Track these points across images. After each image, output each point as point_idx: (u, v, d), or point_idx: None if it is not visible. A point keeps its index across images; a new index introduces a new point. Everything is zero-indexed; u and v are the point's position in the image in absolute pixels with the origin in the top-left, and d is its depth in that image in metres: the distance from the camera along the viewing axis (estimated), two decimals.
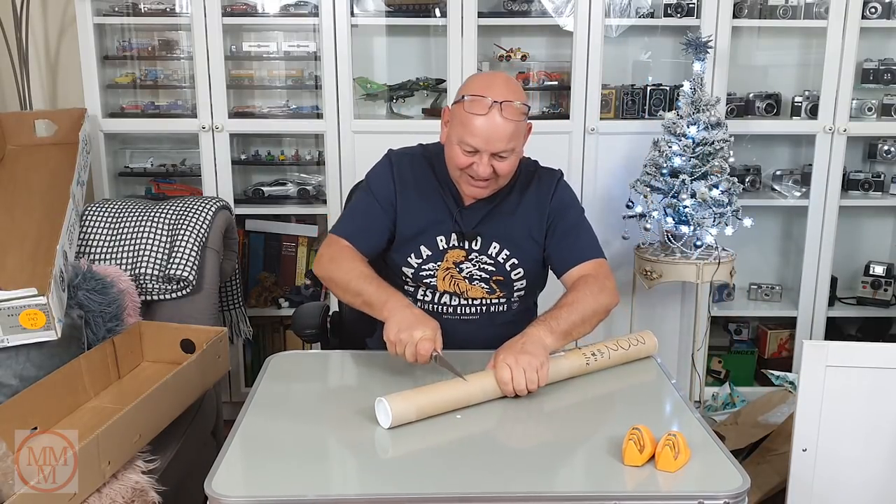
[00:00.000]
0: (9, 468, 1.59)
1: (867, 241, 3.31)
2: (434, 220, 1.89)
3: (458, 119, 1.78)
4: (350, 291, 1.78)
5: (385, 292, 1.73)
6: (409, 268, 1.90)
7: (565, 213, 1.91)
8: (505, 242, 1.88)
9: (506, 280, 1.90)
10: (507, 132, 1.74)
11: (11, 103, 3.08)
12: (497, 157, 1.77)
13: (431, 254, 1.89)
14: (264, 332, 3.23)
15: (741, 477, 1.29)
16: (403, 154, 1.96)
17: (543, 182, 1.93)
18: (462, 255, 1.89)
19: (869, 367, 1.83)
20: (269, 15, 3.01)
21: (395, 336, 1.62)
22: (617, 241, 2.96)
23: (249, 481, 1.33)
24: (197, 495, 1.45)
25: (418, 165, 1.93)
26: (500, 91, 1.75)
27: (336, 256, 1.85)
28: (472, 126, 1.74)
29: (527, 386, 1.54)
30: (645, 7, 2.99)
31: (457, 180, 1.86)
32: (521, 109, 1.76)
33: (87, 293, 2.27)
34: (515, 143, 1.79)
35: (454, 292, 1.90)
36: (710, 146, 2.65)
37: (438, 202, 1.90)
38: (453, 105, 1.83)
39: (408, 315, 1.65)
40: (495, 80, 1.81)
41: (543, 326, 1.65)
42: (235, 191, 3.02)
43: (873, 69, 3.01)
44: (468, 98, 1.75)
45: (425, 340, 1.59)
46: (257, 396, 1.60)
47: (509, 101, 1.73)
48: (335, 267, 1.83)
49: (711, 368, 3.23)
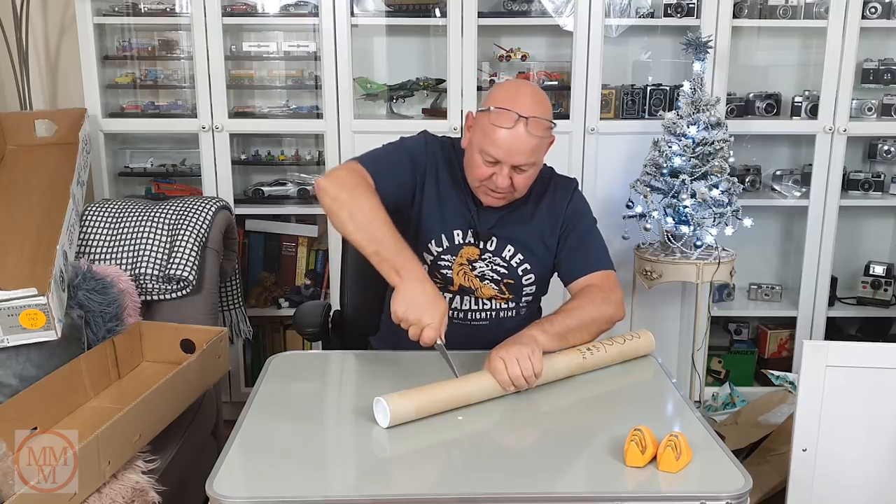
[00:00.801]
0: (9, 468, 1.59)
1: (867, 241, 3.32)
2: (453, 212, 1.89)
3: (481, 128, 1.77)
4: (365, 233, 1.68)
5: (402, 255, 1.65)
6: (430, 255, 1.89)
7: (578, 223, 1.91)
8: (519, 247, 1.89)
9: (516, 284, 1.90)
10: (530, 147, 1.74)
11: (11, 103, 3.08)
12: (517, 170, 1.77)
13: (449, 245, 1.89)
14: (264, 332, 3.23)
15: (743, 477, 1.29)
16: (437, 139, 1.94)
17: (559, 190, 1.93)
18: (476, 253, 1.89)
19: (869, 367, 1.83)
20: (269, 15, 3.01)
21: (402, 314, 1.60)
22: (617, 241, 2.96)
23: (250, 482, 1.33)
24: (197, 495, 1.45)
25: (447, 155, 1.92)
26: (527, 105, 1.73)
27: (358, 185, 1.73)
28: (495, 138, 1.73)
29: (522, 373, 1.53)
30: (645, 7, 2.99)
31: (475, 189, 1.86)
32: (546, 126, 1.76)
33: (87, 293, 2.27)
34: (537, 158, 1.79)
35: (469, 287, 1.89)
36: (710, 146, 2.65)
37: (460, 196, 1.89)
38: (478, 112, 1.82)
39: (419, 294, 1.61)
40: (522, 92, 1.79)
41: (537, 327, 1.65)
42: (235, 191, 3.02)
43: (873, 69, 3.01)
44: (494, 110, 1.74)
45: (431, 329, 1.58)
46: (258, 397, 1.60)
47: (536, 118, 1.73)
48: (357, 199, 1.70)
49: (711, 368, 3.23)
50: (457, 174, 1.90)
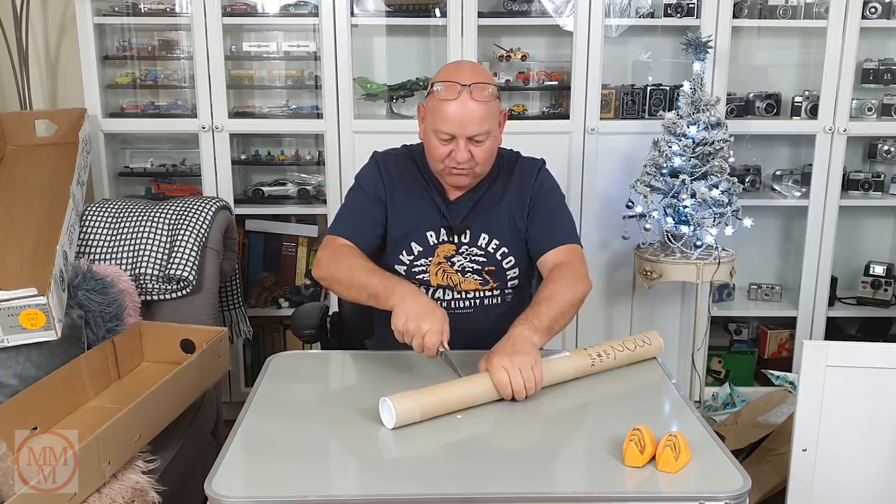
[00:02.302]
0: (9, 468, 1.58)
1: (867, 241, 3.31)
2: (423, 217, 1.91)
3: (431, 110, 1.82)
4: (354, 286, 1.77)
5: (390, 281, 1.73)
6: (402, 265, 1.91)
7: (546, 199, 1.93)
8: (493, 232, 1.91)
9: (498, 270, 1.92)
10: (479, 114, 1.78)
11: (11, 103, 3.08)
12: (473, 142, 1.80)
13: (423, 249, 1.90)
14: (264, 332, 3.23)
15: (742, 477, 1.29)
16: (388, 154, 1.99)
17: (526, 170, 1.96)
18: (452, 249, 1.91)
19: (869, 367, 1.83)
20: (269, 15, 3.01)
21: (402, 326, 1.61)
22: (617, 241, 2.97)
23: (250, 482, 1.33)
24: (197, 495, 1.45)
25: (403, 164, 1.96)
26: (468, 75, 1.80)
27: (335, 255, 1.84)
28: (444, 112, 1.78)
29: (525, 386, 1.53)
30: (645, 7, 2.99)
31: (439, 173, 1.89)
32: (490, 91, 1.80)
33: (87, 293, 2.27)
34: (490, 126, 1.81)
35: (447, 285, 1.91)
36: (710, 146, 2.65)
37: (426, 198, 1.92)
38: (426, 99, 1.87)
39: (415, 304, 1.64)
40: (461, 66, 1.90)
41: (527, 326, 1.64)
42: (235, 191, 3.02)
43: (873, 69, 3.01)
44: (438, 86, 1.80)
45: (433, 333, 1.59)
46: (258, 396, 1.60)
47: (478, 83, 1.78)
48: (336, 265, 1.82)
49: (711, 368, 3.23)
50: (418, 177, 1.94)
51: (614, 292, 3.07)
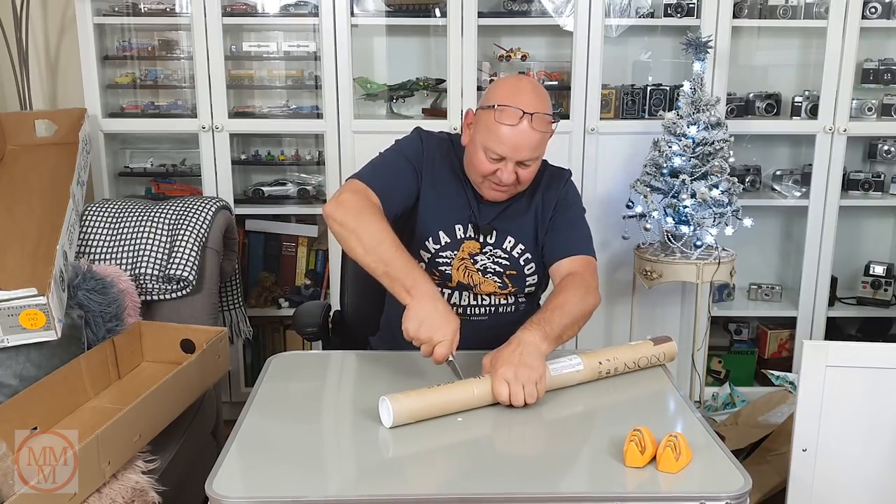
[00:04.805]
0: (9, 468, 1.59)
1: (867, 241, 3.32)
2: (454, 209, 1.89)
3: (485, 125, 1.77)
4: (374, 255, 1.67)
5: (412, 274, 1.65)
6: (427, 252, 1.89)
7: (568, 209, 1.93)
8: (519, 238, 1.90)
9: (519, 274, 1.91)
10: (535, 142, 1.76)
11: (11, 103, 3.08)
12: (521, 165, 1.79)
13: (450, 241, 1.89)
14: (264, 332, 3.23)
15: (742, 477, 1.29)
16: (432, 135, 1.95)
17: (553, 181, 1.95)
18: (477, 246, 1.90)
19: (869, 367, 1.83)
20: (269, 15, 3.01)
21: (414, 332, 1.59)
22: (617, 241, 2.97)
23: (250, 482, 1.33)
24: (197, 495, 1.45)
25: (445, 151, 1.92)
26: (530, 101, 1.74)
27: (365, 209, 1.72)
28: (500, 135, 1.74)
29: (524, 401, 1.52)
30: (645, 7, 2.99)
31: (477, 184, 1.86)
32: (550, 121, 1.78)
33: (87, 293, 2.27)
34: (540, 152, 1.81)
35: (468, 284, 1.90)
36: (710, 146, 2.65)
37: (459, 191, 1.90)
38: (479, 110, 1.82)
39: (431, 311, 1.60)
40: (523, 87, 1.80)
41: (539, 332, 1.61)
42: (235, 191, 3.02)
43: (873, 69, 3.01)
44: (498, 107, 1.74)
45: (444, 345, 1.58)
46: (258, 397, 1.60)
47: (539, 114, 1.74)
48: (364, 221, 1.70)
49: (711, 368, 3.23)
50: (456, 169, 1.91)
51: (614, 292, 3.07)
